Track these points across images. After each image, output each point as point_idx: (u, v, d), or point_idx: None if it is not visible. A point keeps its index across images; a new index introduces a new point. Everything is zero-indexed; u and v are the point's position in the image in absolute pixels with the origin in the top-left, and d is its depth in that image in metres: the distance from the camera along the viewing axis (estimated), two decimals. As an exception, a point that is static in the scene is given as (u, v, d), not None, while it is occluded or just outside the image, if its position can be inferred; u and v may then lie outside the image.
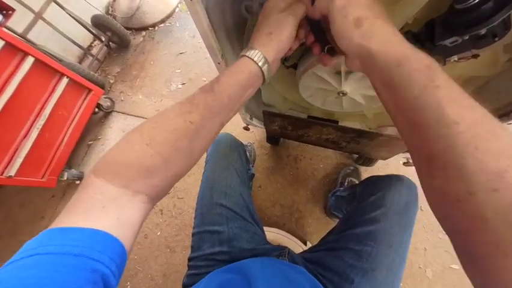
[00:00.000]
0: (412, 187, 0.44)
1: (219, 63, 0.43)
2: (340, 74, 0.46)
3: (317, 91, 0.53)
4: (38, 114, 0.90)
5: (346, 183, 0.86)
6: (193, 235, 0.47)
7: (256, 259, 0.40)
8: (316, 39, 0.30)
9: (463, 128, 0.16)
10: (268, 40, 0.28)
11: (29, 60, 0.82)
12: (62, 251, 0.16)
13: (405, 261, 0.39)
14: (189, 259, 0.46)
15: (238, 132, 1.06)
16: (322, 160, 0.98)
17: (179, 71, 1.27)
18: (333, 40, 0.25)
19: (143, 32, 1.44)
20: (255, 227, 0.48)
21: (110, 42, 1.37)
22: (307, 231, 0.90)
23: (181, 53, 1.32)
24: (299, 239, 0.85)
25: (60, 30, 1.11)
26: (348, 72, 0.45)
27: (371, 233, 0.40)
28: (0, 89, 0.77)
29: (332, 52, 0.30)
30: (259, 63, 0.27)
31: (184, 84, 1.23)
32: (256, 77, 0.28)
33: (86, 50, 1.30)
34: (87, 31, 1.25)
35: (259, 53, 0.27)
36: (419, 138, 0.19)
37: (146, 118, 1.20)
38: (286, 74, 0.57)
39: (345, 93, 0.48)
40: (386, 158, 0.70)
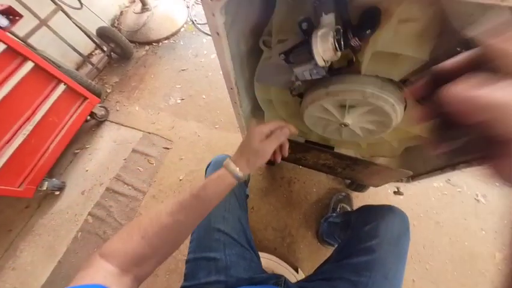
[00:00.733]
0: (404, 218, 0.46)
1: (231, 88, 0.45)
2: (344, 107, 0.50)
3: (320, 120, 0.57)
4: (28, 119, 0.85)
5: (338, 209, 0.88)
6: (187, 262, 0.45)
7: None
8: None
9: None
10: (245, 164, 0.36)
11: (28, 65, 0.81)
12: None
13: (401, 293, 0.39)
14: None
15: (234, 150, 1.07)
16: (315, 184, 1.00)
17: (179, 86, 1.29)
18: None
19: (147, 47, 1.47)
20: (251, 253, 0.47)
21: (112, 53, 1.38)
22: (298, 257, 0.88)
23: (183, 70, 1.35)
24: (290, 265, 0.83)
25: (62, 37, 1.11)
26: (352, 107, 0.49)
27: (367, 264, 0.41)
28: (-9, 91, 0.74)
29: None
30: (236, 177, 0.35)
31: (183, 99, 1.25)
32: (231, 184, 0.36)
33: (86, 58, 1.29)
34: (89, 39, 1.26)
35: (237, 170, 0.35)
36: None
37: (140, 130, 1.17)
38: (291, 101, 0.61)
39: (346, 125, 0.52)
40: (378, 186, 0.73)
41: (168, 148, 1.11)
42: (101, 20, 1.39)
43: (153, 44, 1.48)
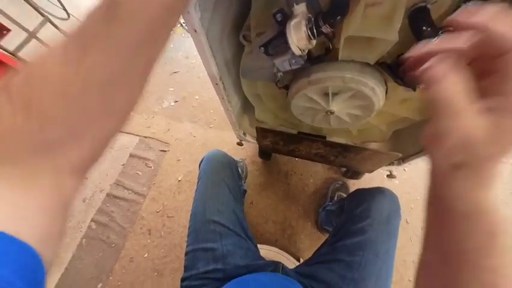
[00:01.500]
0: (393, 198, 0.47)
1: (216, 83, 0.46)
2: (328, 95, 0.51)
3: (307, 110, 0.58)
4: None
5: (336, 198, 0.89)
6: (186, 254, 0.47)
7: (252, 276, 0.40)
8: None
9: None
10: None
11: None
12: None
13: (393, 269, 0.41)
14: (182, 279, 0.45)
15: (229, 148, 1.08)
16: (312, 175, 1.01)
17: (172, 89, 1.30)
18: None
19: (137, 52, 1.48)
20: (248, 243, 0.48)
21: (103, 61, 1.39)
22: (300, 248, 0.89)
23: (175, 72, 1.36)
24: (292, 255, 0.85)
25: (53, 49, 1.12)
26: (335, 94, 0.50)
27: (359, 244, 0.42)
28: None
29: None
30: None
31: (176, 101, 1.26)
32: None
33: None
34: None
35: None
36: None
37: (136, 134, 1.19)
38: (278, 93, 0.62)
39: (332, 112, 0.53)
40: (371, 171, 0.74)
41: (165, 151, 1.13)
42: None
43: (143, 49, 1.49)
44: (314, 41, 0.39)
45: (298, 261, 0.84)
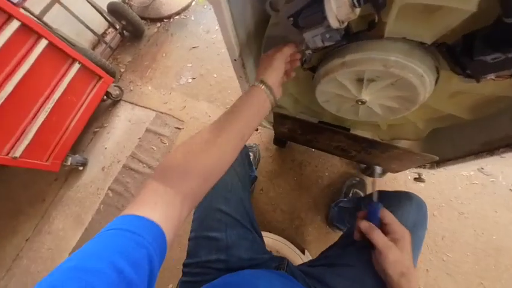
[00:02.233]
0: (422, 206, 0.41)
1: (235, 59, 0.41)
2: (362, 81, 0.44)
3: (334, 97, 0.51)
4: (48, 97, 0.89)
5: (350, 194, 0.84)
6: (189, 240, 0.46)
7: (256, 273, 0.38)
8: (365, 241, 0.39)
9: None
10: (264, 72, 0.39)
11: (43, 43, 0.82)
12: (129, 230, 0.22)
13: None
14: (184, 265, 0.44)
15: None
16: (328, 168, 0.96)
17: (190, 65, 1.26)
18: (375, 253, 0.37)
19: (158, 24, 1.44)
20: (254, 234, 0.46)
21: (124, 31, 1.37)
22: (306, 240, 0.88)
23: (194, 47, 1.31)
24: (297, 246, 0.83)
25: (76, 15, 1.11)
26: (371, 81, 0.42)
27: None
28: (13, 70, 0.77)
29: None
30: (262, 87, 0.38)
31: (194, 79, 1.22)
32: (263, 97, 0.38)
33: (100, 37, 1.30)
34: (102, 18, 1.25)
35: (261, 81, 0.38)
36: None
37: (153, 110, 1.19)
38: (302, 75, 0.55)
39: (364, 102, 0.46)
40: (397, 172, 0.67)
41: (180, 128, 1.12)
42: (112, -4, 1.36)
43: (164, 20, 1.43)
44: (358, 10, 0.31)
45: (303, 252, 0.82)
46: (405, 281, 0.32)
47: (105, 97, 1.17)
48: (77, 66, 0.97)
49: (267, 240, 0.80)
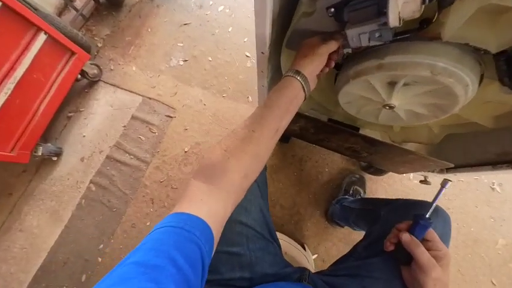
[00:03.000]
0: (447, 219, 0.41)
1: (262, 52, 0.35)
2: (393, 85, 0.41)
3: (358, 99, 0.47)
4: (7, 75, 0.73)
5: (351, 191, 0.85)
6: None
7: (283, 286, 0.36)
8: (397, 253, 0.39)
9: None
10: (303, 61, 0.36)
11: (-5, 5, 0.65)
12: (179, 226, 0.23)
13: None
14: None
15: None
16: (328, 164, 0.95)
17: (181, 44, 1.12)
18: (411, 269, 0.36)
19: (141, -9, 1.23)
20: (274, 245, 0.44)
21: (99, -3, 1.16)
22: (305, 234, 0.89)
23: (185, 24, 1.16)
24: (296, 241, 0.84)
25: (36, -29, 0.90)
26: (406, 84, 0.39)
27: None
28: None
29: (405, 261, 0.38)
30: (298, 78, 0.35)
31: (186, 61, 1.10)
32: (298, 89, 0.35)
33: (68, 1, 1.08)
34: (71, -22, 1.03)
35: (297, 71, 0.35)
36: None
37: (139, 94, 1.06)
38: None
39: (392, 107, 0.43)
40: (403, 173, 0.68)
41: (171, 116, 1.02)
42: (83, -49, 1.12)
43: (148, -12, 1.23)
44: (423, 7, 0.27)
45: (303, 247, 0.84)
46: None
47: (79, 76, 1.00)
48: (43, 37, 0.80)
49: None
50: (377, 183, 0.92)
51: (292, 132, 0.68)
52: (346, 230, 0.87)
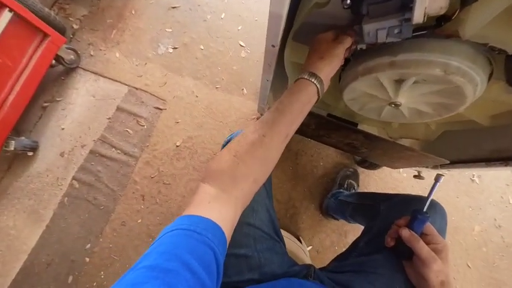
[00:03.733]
0: (444, 214, 0.43)
1: (273, 45, 0.32)
2: (400, 82, 0.40)
3: (363, 96, 0.46)
4: (-34, 59, 0.63)
5: (345, 185, 0.87)
6: None
7: (294, 282, 0.37)
8: (398, 248, 0.40)
9: None
10: (320, 63, 0.34)
11: None
12: (190, 229, 0.23)
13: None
14: None
15: (238, 117, 0.96)
16: (323, 158, 0.96)
17: (170, 30, 1.04)
18: (413, 264, 0.37)
19: (122, -33, 1.11)
20: (281, 245, 0.43)
21: (73, -29, 1.03)
22: (300, 227, 0.90)
23: (173, 8, 1.07)
24: (292, 234, 0.85)
25: None
26: (415, 83, 0.38)
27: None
28: None
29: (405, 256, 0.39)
30: (314, 81, 0.33)
31: (176, 48, 1.02)
32: (312, 93, 0.34)
33: (37, -25, 0.95)
34: None
35: (313, 74, 0.34)
36: None
37: (124, 83, 0.98)
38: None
39: (398, 105, 0.42)
40: (398, 168, 0.70)
41: (161, 109, 0.96)
42: None
43: (130, -36, 1.11)
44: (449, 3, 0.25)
45: (298, 239, 0.85)
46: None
47: (54, 62, 0.90)
48: (7, 15, 0.69)
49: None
50: (369, 177, 0.95)
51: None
52: (339, 222, 0.89)
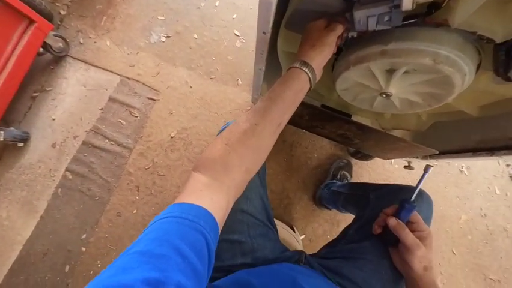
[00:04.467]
0: (431, 202, 0.45)
1: (264, 32, 0.31)
2: (392, 72, 0.40)
3: (355, 86, 0.46)
4: None
5: (338, 176, 0.88)
6: None
7: (286, 266, 0.38)
8: (385, 235, 0.42)
9: None
10: (312, 52, 0.34)
11: None
12: (182, 216, 0.23)
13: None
14: None
15: (233, 108, 0.95)
16: (317, 150, 0.97)
17: (162, 18, 1.01)
18: (398, 250, 0.40)
19: (111, -51, 1.06)
20: (274, 232, 0.45)
21: (58, -47, 0.97)
22: (294, 217, 0.92)
23: (166, -6, 1.03)
24: (286, 223, 0.87)
25: None
26: (405, 73, 0.39)
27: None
28: None
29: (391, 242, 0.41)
30: (306, 70, 0.33)
31: (168, 37, 1.00)
32: (304, 82, 0.34)
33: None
34: None
35: (305, 63, 0.33)
36: None
37: (116, 73, 0.96)
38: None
39: (389, 95, 0.43)
40: (390, 159, 0.71)
41: (154, 99, 0.95)
42: None
43: None
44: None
45: (292, 229, 0.87)
46: (428, 274, 0.36)
47: (42, 50, 0.87)
48: (-11, -1, 0.66)
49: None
50: (362, 168, 0.97)
51: (286, 119, 0.67)
52: (332, 212, 0.92)
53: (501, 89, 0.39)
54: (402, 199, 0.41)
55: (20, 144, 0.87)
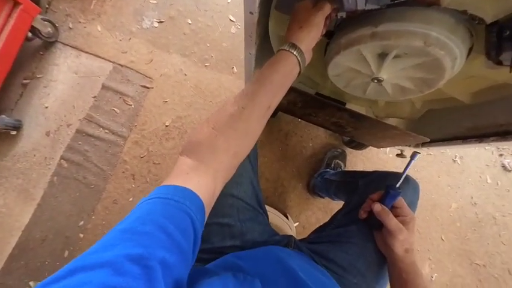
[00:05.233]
0: (416, 187, 0.45)
1: (251, 12, 0.30)
2: (383, 56, 0.39)
3: (347, 71, 0.46)
4: None
5: (333, 165, 0.89)
6: None
7: (275, 248, 0.39)
8: (370, 220, 0.44)
9: None
10: (300, 33, 0.34)
11: None
12: (167, 197, 0.22)
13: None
14: None
15: (228, 96, 0.94)
16: (312, 139, 0.97)
17: (154, 2, 0.98)
18: (382, 234, 0.41)
19: None
20: (264, 217, 0.45)
21: None
22: (288, 205, 0.94)
23: (158, -24, 0.99)
24: (280, 211, 0.89)
25: None
26: (397, 56, 0.38)
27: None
28: None
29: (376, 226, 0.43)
30: (294, 52, 0.33)
31: (161, 22, 0.97)
32: (293, 64, 0.33)
33: None
34: None
35: (293, 45, 0.33)
36: None
37: (108, 60, 0.94)
38: (315, 42, 0.47)
39: (380, 80, 0.42)
40: (383, 147, 0.71)
41: (148, 87, 0.93)
42: None
43: None
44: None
45: (286, 216, 0.89)
46: (409, 256, 0.37)
47: (30, 34, 0.85)
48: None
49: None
50: (356, 157, 0.97)
51: (280, 106, 0.66)
52: (325, 200, 0.93)
53: (493, 74, 0.38)
54: (388, 185, 0.42)
55: (13, 132, 0.86)
